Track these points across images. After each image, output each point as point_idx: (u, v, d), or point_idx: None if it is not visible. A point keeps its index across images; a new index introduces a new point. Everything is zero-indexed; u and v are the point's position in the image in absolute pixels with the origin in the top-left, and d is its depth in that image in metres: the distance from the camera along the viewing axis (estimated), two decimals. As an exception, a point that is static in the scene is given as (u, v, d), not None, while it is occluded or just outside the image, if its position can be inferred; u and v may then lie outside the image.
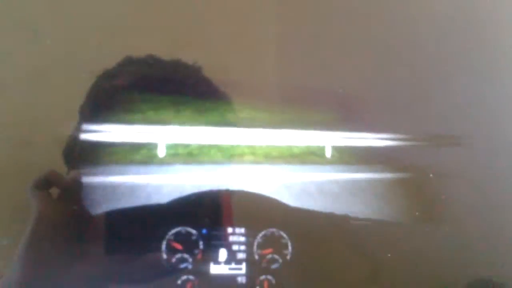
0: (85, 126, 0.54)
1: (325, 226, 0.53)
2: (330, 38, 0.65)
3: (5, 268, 0.46)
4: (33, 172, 0.48)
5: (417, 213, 0.58)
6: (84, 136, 0.54)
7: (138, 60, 0.57)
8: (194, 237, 0.49)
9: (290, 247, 0.51)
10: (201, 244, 0.49)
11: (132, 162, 0.54)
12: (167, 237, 0.49)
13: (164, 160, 0.55)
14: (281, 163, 0.58)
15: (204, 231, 0.49)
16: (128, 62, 0.57)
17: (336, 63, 0.63)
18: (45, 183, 0.48)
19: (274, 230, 0.50)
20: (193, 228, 0.49)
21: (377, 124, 0.61)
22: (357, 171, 0.59)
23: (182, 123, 0.56)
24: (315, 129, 0.59)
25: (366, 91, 0.62)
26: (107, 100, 0.55)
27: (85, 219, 0.48)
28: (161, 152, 0.55)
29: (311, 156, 0.60)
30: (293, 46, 0.65)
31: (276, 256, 0.51)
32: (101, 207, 0.49)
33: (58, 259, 0.46)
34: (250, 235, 0.50)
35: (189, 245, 0.49)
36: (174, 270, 0.49)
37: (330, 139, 0.60)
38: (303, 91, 0.61)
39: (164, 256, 0.48)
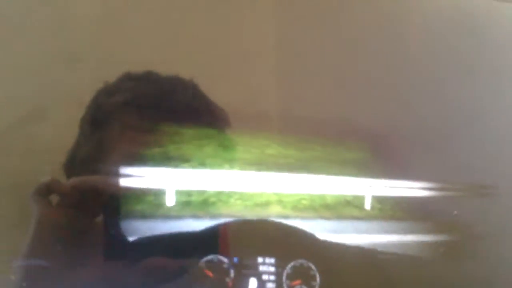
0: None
1: (353, 259, 0.54)
2: (363, 71, 0.66)
3: (7, 273, 0.47)
4: (35, 180, 0.50)
5: (442, 250, 0.58)
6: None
7: (136, 76, 0.59)
8: (225, 266, 0.50)
9: (318, 279, 0.51)
10: (232, 273, 0.50)
11: (135, 212, 0.52)
12: (199, 264, 0.50)
13: (172, 211, 0.53)
14: (312, 216, 0.56)
15: (235, 259, 0.50)
16: (127, 79, 0.58)
17: (370, 97, 0.64)
18: (45, 190, 0.49)
19: (303, 261, 0.51)
20: (225, 256, 0.50)
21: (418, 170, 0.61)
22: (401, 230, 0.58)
23: (191, 160, 0.55)
24: (352, 174, 0.59)
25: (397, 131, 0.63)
26: (104, 117, 0.56)
27: (85, 224, 0.49)
28: (169, 200, 0.54)
29: (348, 208, 0.58)
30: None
31: (304, 287, 0.51)
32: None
33: (59, 264, 0.47)
34: (280, 265, 0.51)
35: (220, 273, 0.50)
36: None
37: (369, 187, 0.58)
38: (335, 124, 0.62)
39: (196, 284, 0.49)
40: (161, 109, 0.55)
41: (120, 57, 0.65)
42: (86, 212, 0.49)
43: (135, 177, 0.53)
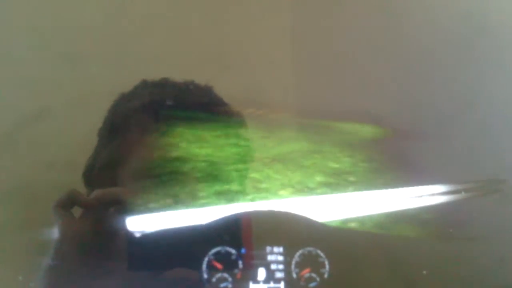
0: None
1: (362, 245, 0.54)
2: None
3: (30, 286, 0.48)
4: (56, 193, 0.50)
5: (451, 231, 0.58)
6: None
7: (152, 83, 0.59)
8: (233, 257, 0.50)
9: (327, 266, 0.51)
10: (240, 264, 0.50)
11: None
12: (207, 257, 0.50)
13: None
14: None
15: (243, 250, 0.51)
16: (143, 85, 0.59)
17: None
18: (67, 203, 0.49)
19: (311, 249, 0.51)
20: (233, 248, 0.50)
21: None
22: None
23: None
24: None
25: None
26: (122, 122, 0.57)
27: (109, 237, 0.49)
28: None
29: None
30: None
31: (313, 275, 0.51)
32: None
33: (82, 277, 0.47)
34: (288, 254, 0.51)
35: (228, 264, 0.50)
36: None
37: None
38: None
39: (205, 275, 0.50)
40: (178, 112, 0.55)
41: (123, 56, 0.65)
42: (110, 224, 0.49)
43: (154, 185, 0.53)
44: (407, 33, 0.67)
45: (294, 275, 0.51)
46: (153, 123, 0.55)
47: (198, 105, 0.56)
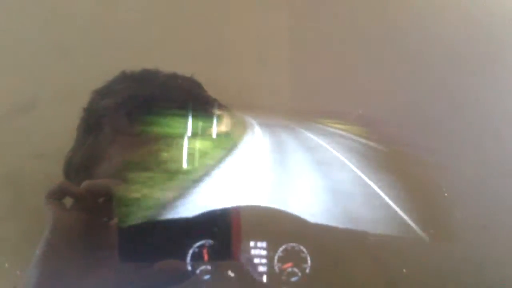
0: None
1: (343, 241, 0.55)
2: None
3: (21, 277, 0.48)
4: (48, 183, 0.50)
5: (431, 231, 0.59)
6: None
7: (131, 76, 0.57)
8: (218, 250, 0.51)
9: (309, 261, 0.53)
10: (225, 256, 0.51)
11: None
12: (193, 249, 0.51)
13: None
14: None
15: (228, 243, 0.51)
16: (121, 79, 0.57)
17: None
18: (59, 193, 0.49)
19: (294, 244, 0.52)
20: (218, 240, 0.51)
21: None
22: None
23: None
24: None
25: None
26: (95, 121, 0.55)
27: (100, 227, 0.49)
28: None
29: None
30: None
31: (295, 270, 0.52)
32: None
33: (73, 268, 0.47)
34: (271, 249, 0.52)
35: (213, 257, 0.51)
36: (197, 281, 0.50)
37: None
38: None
39: (190, 267, 0.50)
40: (153, 112, 0.53)
41: (114, 49, 0.65)
42: (100, 215, 0.49)
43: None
44: (405, 35, 0.68)
45: (277, 270, 0.52)
46: (127, 122, 0.53)
47: (180, 103, 0.54)
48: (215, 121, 0.56)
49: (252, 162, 0.61)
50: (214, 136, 0.56)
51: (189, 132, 0.54)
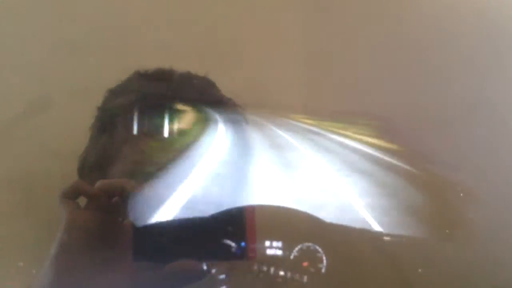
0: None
1: (360, 242, 0.55)
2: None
3: (36, 277, 0.48)
4: (62, 183, 0.50)
5: (447, 231, 0.59)
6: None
7: (145, 75, 0.57)
8: (234, 249, 0.51)
9: (324, 261, 0.52)
10: (240, 256, 0.51)
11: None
12: (206, 249, 0.50)
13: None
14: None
15: (243, 244, 0.51)
16: (136, 78, 0.57)
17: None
18: (73, 192, 0.48)
19: (310, 244, 0.52)
20: (234, 240, 0.51)
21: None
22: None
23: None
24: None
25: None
26: (109, 120, 0.56)
27: (114, 227, 0.49)
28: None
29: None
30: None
31: (311, 269, 0.52)
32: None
33: (88, 267, 0.47)
34: (287, 248, 0.52)
35: (229, 256, 0.51)
36: (212, 281, 0.50)
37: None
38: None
39: (204, 267, 0.50)
40: (167, 111, 0.53)
41: (128, 49, 0.65)
42: (114, 214, 0.49)
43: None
44: (411, 34, 0.68)
45: (292, 269, 0.52)
46: (141, 122, 0.53)
47: (194, 102, 0.55)
48: (230, 119, 0.56)
49: (266, 161, 0.60)
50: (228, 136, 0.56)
51: (203, 131, 0.54)
